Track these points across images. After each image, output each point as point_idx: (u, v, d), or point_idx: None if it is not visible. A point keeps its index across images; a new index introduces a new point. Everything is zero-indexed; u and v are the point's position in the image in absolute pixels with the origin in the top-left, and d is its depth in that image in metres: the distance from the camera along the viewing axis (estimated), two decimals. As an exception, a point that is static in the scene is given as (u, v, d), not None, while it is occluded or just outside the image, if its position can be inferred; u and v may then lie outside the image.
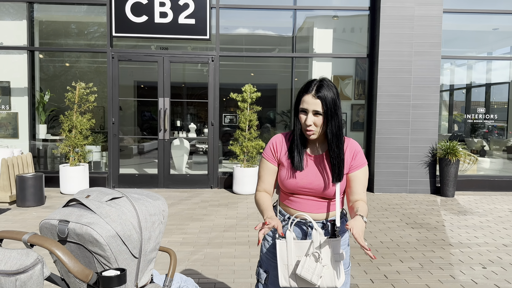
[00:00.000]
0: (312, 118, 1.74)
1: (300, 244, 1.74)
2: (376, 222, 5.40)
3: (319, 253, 1.69)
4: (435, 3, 7.19)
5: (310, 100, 1.73)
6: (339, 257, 1.70)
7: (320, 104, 1.72)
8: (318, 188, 1.82)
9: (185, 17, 7.22)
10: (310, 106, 1.73)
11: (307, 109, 1.74)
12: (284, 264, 1.76)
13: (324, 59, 8.11)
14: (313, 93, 1.73)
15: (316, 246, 1.70)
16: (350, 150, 1.86)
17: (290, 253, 1.74)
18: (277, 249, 1.76)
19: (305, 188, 1.83)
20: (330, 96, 1.73)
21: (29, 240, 1.28)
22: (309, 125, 1.75)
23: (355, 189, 1.84)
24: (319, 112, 1.73)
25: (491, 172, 8.17)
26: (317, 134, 1.78)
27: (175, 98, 10.29)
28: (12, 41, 7.53)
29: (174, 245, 4.36)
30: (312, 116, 1.74)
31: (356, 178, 1.84)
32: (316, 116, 1.74)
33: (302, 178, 1.83)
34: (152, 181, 7.50)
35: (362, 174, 1.85)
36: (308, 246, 1.72)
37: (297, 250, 1.74)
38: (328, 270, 1.70)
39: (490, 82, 8.42)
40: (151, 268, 1.53)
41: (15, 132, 7.57)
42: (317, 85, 1.74)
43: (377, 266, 3.85)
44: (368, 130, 7.71)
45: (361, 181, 1.85)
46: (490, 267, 3.86)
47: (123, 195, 1.49)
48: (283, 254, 1.76)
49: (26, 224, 5.12)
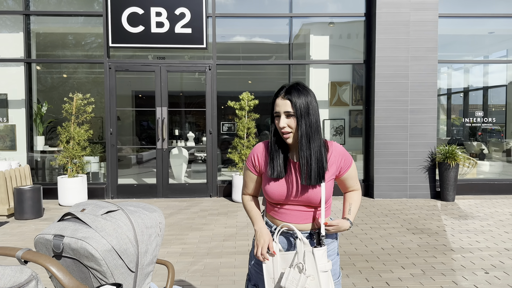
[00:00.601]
0: (285, 120, 1.74)
1: (285, 256, 1.73)
2: (376, 228, 5.37)
3: (303, 263, 1.66)
4: (430, 8, 7.22)
5: (280, 102, 1.75)
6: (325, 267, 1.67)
7: (289, 104, 1.72)
8: (305, 197, 1.78)
9: (182, 26, 7.24)
10: (281, 108, 1.74)
11: (279, 112, 1.75)
12: (271, 278, 1.74)
13: (321, 66, 8.13)
14: (282, 95, 1.75)
15: (300, 257, 1.68)
16: (336, 155, 1.84)
17: (276, 266, 1.72)
18: (263, 263, 1.75)
19: (290, 197, 1.80)
20: (300, 97, 1.73)
21: (22, 256, 1.25)
22: (282, 127, 1.73)
23: (349, 184, 1.93)
24: (291, 113, 1.72)
25: (491, 175, 8.16)
26: (293, 137, 1.76)
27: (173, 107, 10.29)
28: (9, 53, 7.53)
29: (174, 256, 4.33)
30: (285, 118, 1.74)
31: (348, 177, 1.90)
32: (289, 118, 1.73)
33: (285, 186, 1.80)
34: (150, 191, 7.46)
35: (352, 171, 1.90)
36: (293, 257, 1.71)
37: (282, 262, 1.73)
38: (313, 281, 1.66)
39: (487, 85, 8.44)
40: (148, 282, 1.51)
41: (13, 144, 7.54)
42: (287, 88, 1.76)
43: (379, 273, 3.82)
44: (367, 136, 7.70)
45: (353, 176, 1.91)
46: (493, 272, 3.83)
47: (119, 208, 1.47)
48: (269, 268, 1.74)
49: (25, 237, 5.07)
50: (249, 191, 1.96)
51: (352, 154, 8.12)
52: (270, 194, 1.81)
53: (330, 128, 8.15)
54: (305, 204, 1.80)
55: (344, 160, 1.85)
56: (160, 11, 7.19)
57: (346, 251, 4.47)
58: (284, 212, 1.83)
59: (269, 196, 1.82)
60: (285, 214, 1.83)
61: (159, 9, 7.19)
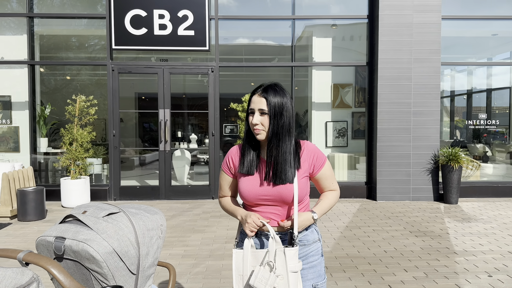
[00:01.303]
0: (259, 118, 1.76)
1: (256, 254, 1.72)
2: (379, 231, 5.35)
3: (273, 262, 1.65)
4: (433, 10, 7.21)
5: (256, 99, 1.77)
6: (295, 267, 1.66)
7: (265, 102, 1.75)
8: (278, 194, 1.78)
9: (184, 28, 7.26)
10: (256, 105, 1.76)
11: (254, 108, 1.77)
12: (239, 275, 1.74)
13: (324, 68, 8.12)
14: (259, 93, 1.78)
15: (271, 255, 1.67)
16: (308, 152, 1.85)
17: (246, 263, 1.72)
18: (233, 259, 1.76)
19: (263, 195, 1.80)
20: (276, 96, 1.76)
21: (24, 258, 1.25)
22: (255, 124, 1.76)
23: (325, 184, 1.91)
24: (265, 111, 1.75)
25: (494, 178, 8.12)
26: (265, 134, 1.77)
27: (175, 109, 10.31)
28: (12, 56, 7.57)
29: (176, 258, 4.32)
30: (258, 115, 1.76)
31: (323, 176, 1.88)
32: (262, 116, 1.76)
33: (257, 184, 1.80)
34: (153, 193, 7.47)
35: (326, 170, 1.88)
36: (264, 255, 1.69)
37: (253, 260, 1.72)
38: (282, 281, 1.65)
39: (491, 88, 8.41)
40: (149, 284, 1.50)
41: (16, 146, 7.57)
42: (265, 86, 1.79)
43: (381, 276, 3.80)
44: (369, 138, 7.68)
45: (328, 176, 1.89)
46: (496, 275, 3.81)
47: (120, 210, 1.47)
48: (238, 264, 1.75)
49: (27, 238, 5.09)
50: (224, 192, 1.99)
51: (354, 156, 8.10)
52: (243, 192, 1.82)
53: (333, 130, 8.14)
54: (279, 203, 1.80)
55: (316, 158, 1.84)
56: (163, 13, 7.21)
57: (349, 253, 4.46)
58: (261, 213, 1.82)
59: (242, 194, 1.83)
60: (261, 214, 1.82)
61: (162, 11, 7.21)
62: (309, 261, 1.83)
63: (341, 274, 3.87)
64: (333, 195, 1.92)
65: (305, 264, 1.81)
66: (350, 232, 5.32)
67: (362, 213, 6.40)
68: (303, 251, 1.82)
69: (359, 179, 7.89)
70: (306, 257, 1.82)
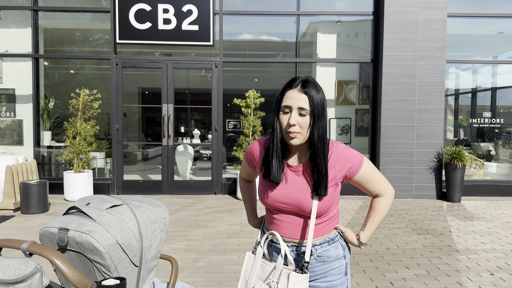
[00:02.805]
0: (297, 118, 1.48)
1: (264, 266, 1.58)
2: (381, 228, 5.34)
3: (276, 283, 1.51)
4: (439, 7, 7.16)
5: (296, 95, 1.48)
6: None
7: (307, 100, 1.47)
8: (297, 204, 1.57)
9: (189, 23, 7.24)
10: (295, 102, 1.47)
11: (291, 106, 1.48)
12: (245, 280, 1.64)
13: (328, 64, 8.09)
14: (299, 88, 1.49)
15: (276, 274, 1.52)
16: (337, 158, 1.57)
17: (253, 271, 1.60)
18: (244, 261, 1.68)
19: (282, 203, 1.60)
20: (318, 93, 1.50)
21: (27, 248, 1.26)
22: (292, 124, 1.48)
23: (369, 188, 1.63)
24: (305, 110, 1.47)
25: (498, 177, 8.09)
26: (301, 139, 1.52)
27: (179, 104, 10.31)
28: (17, 49, 7.58)
29: (178, 252, 4.33)
30: (297, 114, 1.48)
31: (362, 180, 1.60)
32: (301, 116, 1.48)
33: (280, 192, 1.59)
34: (156, 187, 7.48)
35: (365, 172, 1.59)
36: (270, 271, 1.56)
37: (260, 271, 1.59)
38: None
39: (496, 86, 8.36)
40: (152, 277, 1.51)
41: (20, 139, 7.60)
42: (303, 80, 1.51)
43: (383, 273, 3.80)
44: (373, 135, 7.66)
45: (370, 179, 1.60)
46: (498, 274, 3.80)
47: (124, 202, 1.47)
48: (247, 269, 1.65)
49: (30, 231, 5.11)
50: (243, 175, 1.91)
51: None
52: (262, 196, 1.66)
53: (336, 127, 8.12)
54: (300, 214, 1.60)
55: (347, 161, 1.57)
56: (167, 7, 7.20)
57: (351, 250, 4.46)
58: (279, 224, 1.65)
59: (263, 200, 1.66)
60: (279, 227, 1.65)
61: (167, 5, 7.20)
62: (328, 280, 1.62)
63: (342, 270, 3.87)
64: (384, 204, 1.63)
65: (322, 282, 1.62)
66: (352, 229, 5.32)
67: (365, 210, 6.39)
68: (321, 268, 1.61)
69: (361, 176, 7.87)
70: (325, 275, 1.62)
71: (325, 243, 1.61)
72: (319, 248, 1.61)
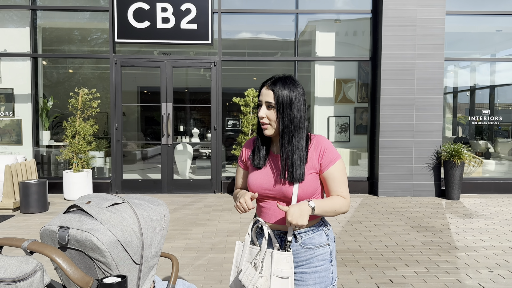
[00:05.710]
0: (265, 111, 1.70)
1: (252, 250, 1.74)
2: (381, 226, 5.36)
3: (261, 262, 1.66)
4: (437, 5, 7.17)
5: (264, 91, 1.71)
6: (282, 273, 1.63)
7: (272, 95, 1.68)
8: (279, 189, 1.72)
9: (187, 22, 7.24)
10: (264, 97, 1.71)
11: (262, 101, 1.72)
12: (236, 267, 1.78)
13: (327, 63, 8.10)
14: (268, 85, 1.71)
15: (261, 255, 1.68)
16: (316, 147, 1.73)
17: (243, 257, 1.75)
18: (235, 249, 1.81)
19: (266, 189, 1.75)
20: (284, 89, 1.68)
21: (28, 247, 1.26)
22: (261, 117, 1.70)
23: (331, 187, 1.72)
24: (271, 104, 1.68)
25: (496, 174, 8.11)
26: (271, 130, 1.72)
27: (178, 103, 10.31)
28: (15, 48, 7.57)
29: (178, 251, 4.34)
30: (265, 108, 1.70)
31: (330, 176, 1.71)
32: (269, 109, 1.70)
33: (262, 177, 1.77)
34: (155, 186, 7.49)
35: (336, 170, 1.71)
36: (256, 253, 1.71)
37: (248, 255, 1.75)
38: (266, 282, 1.64)
39: (495, 84, 8.37)
40: (152, 275, 1.51)
41: (19, 138, 7.59)
42: (275, 78, 1.72)
43: (383, 271, 3.81)
44: (372, 133, 7.67)
45: (337, 178, 1.71)
46: (497, 271, 3.81)
47: (124, 200, 1.47)
48: (238, 256, 1.79)
49: (30, 230, 5.11)
50: (238, 186, 2.00)
51: (357, 151, 8.10)
52: (250, 185, 1.80)
53: (335, 125, 8.13)
54: (282, 198, 1.74)
55: (324, 155, 1.71)
56: (166, 6, 7.19)
57: (350, 248, 4.47)
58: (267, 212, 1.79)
59: (249, 186, 1.81)
60: (267, 214, 1.79)
61: (165, 4, 7.19)
62: (313, 266, 1.74)
63: (342, 268, 3.88)
64: (339, 199, 1.71)
65: (308, 268, 1.74)
66: (351, 226, 5.33)
67: (364, 208, 6.40)
68: (306, 254, 1.74)
69: (361, 174, 7.89)
70: (310, 261, 1.74)
71: (309, 231, 1.75)
72: (304, 235, 1.74)
